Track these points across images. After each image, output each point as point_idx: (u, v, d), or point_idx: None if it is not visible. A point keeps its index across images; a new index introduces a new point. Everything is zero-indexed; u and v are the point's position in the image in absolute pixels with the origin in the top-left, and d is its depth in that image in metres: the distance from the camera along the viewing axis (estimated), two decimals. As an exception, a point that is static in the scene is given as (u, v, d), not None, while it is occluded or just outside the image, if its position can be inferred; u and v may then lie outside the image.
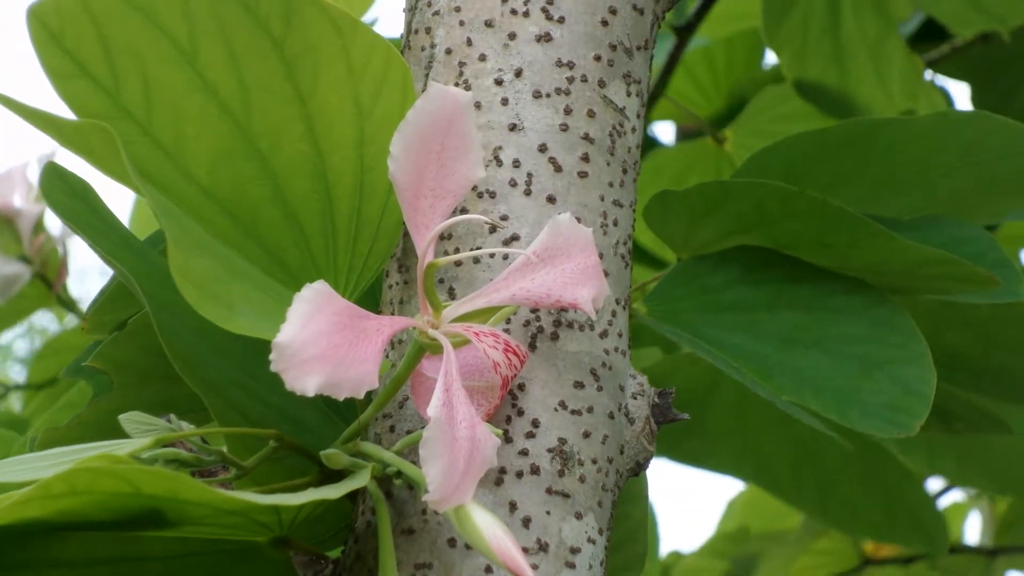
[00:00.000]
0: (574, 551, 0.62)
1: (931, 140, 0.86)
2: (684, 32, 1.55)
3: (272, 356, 0.53)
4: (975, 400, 1.07)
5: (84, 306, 1.58)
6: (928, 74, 1.65)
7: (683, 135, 1.78)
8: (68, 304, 1.56)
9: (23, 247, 1.51)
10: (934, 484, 1.98)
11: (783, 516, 1.99)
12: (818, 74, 1.54)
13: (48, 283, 1.53)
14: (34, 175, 1.50)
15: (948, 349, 1.00)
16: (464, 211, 0.65)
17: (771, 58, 1.71)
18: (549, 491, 0.62)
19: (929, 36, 1.63)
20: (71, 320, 1.73)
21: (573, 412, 0.64)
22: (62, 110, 0.63)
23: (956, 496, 2.25)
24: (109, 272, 0.76)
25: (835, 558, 1.90)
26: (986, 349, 1.01)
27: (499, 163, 0.66)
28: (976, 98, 1.65)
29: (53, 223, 1.53)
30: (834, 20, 1.53)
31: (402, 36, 0.71)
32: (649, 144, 1.73)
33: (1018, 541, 1.93)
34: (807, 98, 1.55)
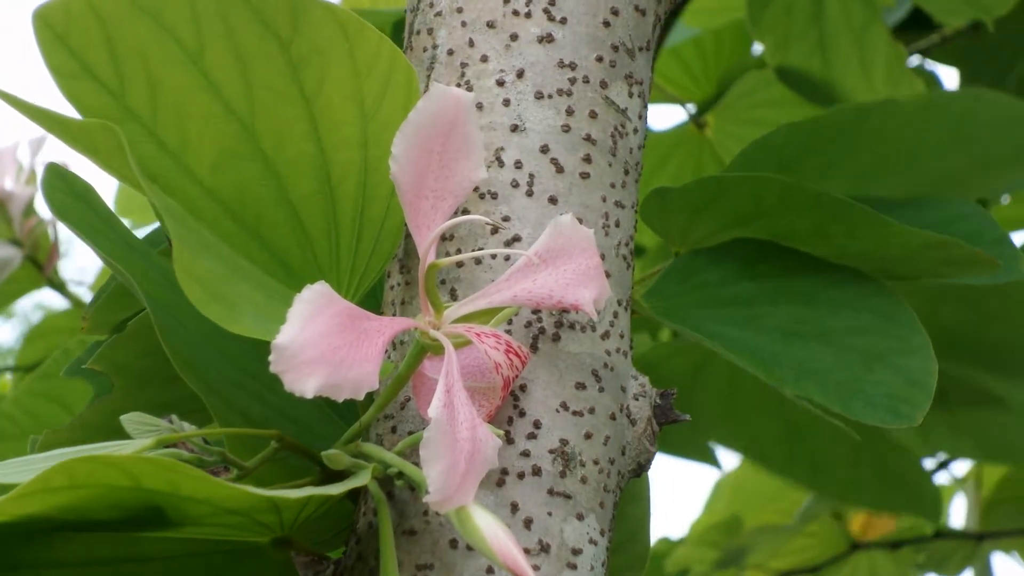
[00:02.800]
0: (576, 552, 0.62)
1: (920, 121, 0.86)
2: (668, 17, 1.54)
3: (271, 358, 0.53)
4: (972, 377, 1.06)
5: (76, 295, 1.58)
6: (917, 59, 1.65)
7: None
8: (59, 287, 1.55)
9: (14, 230, 1.50)
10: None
11: (772, 499, 1.99)
12: (802, 61, 1.53)
13: (39, 266, 1.53)
14: (24, 157, 1.49)
15: (946, 326, 1.00)
16: (466, 212, 0.65)
17: (760, 46, 1.70)
18: (551, 492, 0.62)
19: (918, 25, 1.62)
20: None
21: (575, 413, 0.64)
22: (67, 110, 0.63)
23: (942, 479, 2.25)
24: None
25: (823, 540, 1.91)
26: (985, 323, 1.01)
27: (501, 164, 0.66)
28: (965, 85, 1.65)
29: (44, 206, 1.52)
30: (818, 7, 1.52)
31: (404, 37, 0.71)
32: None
33: (1003, 522, 1.93)
34: (789, 85, 1.54)
